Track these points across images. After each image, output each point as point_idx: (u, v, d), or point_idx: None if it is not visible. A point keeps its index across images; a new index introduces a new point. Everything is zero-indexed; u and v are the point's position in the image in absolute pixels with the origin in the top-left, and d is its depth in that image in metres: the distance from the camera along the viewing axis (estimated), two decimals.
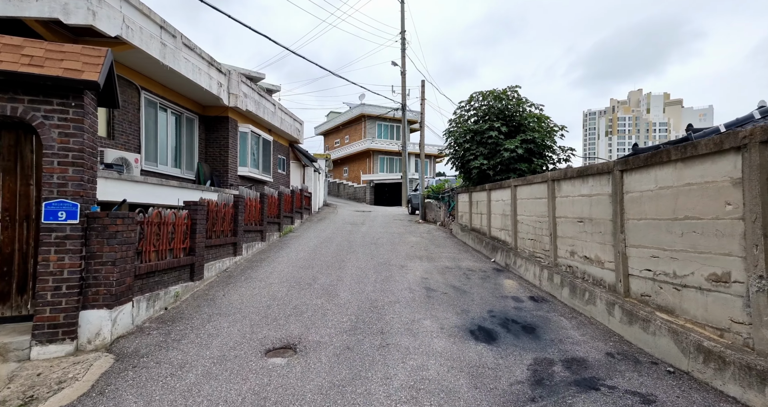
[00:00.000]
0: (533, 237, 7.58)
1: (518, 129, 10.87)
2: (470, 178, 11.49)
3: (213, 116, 12.88)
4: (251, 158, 14.30)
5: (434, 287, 7.00)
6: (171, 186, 9.33)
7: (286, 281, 7.12)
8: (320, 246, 11.04)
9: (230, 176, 13.08)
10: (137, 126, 9.77)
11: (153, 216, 5.02)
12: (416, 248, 11.14)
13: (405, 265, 8.85)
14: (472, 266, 8.78)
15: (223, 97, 12.00)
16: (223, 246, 7.74)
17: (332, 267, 8.41)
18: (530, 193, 7.71)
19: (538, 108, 10.84)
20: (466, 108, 11.60)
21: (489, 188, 10.24)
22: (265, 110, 14.71)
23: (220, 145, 13.01)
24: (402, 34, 27.04)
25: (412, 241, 12.41)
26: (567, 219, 6.25)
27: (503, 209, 9.27)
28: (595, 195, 5.52)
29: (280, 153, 17.59)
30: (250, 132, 14.00)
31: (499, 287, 6.95)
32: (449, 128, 11.91)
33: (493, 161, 10.50)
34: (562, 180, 6.43)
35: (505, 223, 9.14)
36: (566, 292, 5.88)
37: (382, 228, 15.47)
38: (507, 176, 10.41)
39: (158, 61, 9.00)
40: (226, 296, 6.07)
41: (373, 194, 34.88)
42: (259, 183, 15.00)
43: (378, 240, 12.38)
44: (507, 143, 10.12)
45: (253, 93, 13.82)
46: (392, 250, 10.70)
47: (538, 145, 10.35)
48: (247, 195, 9.29)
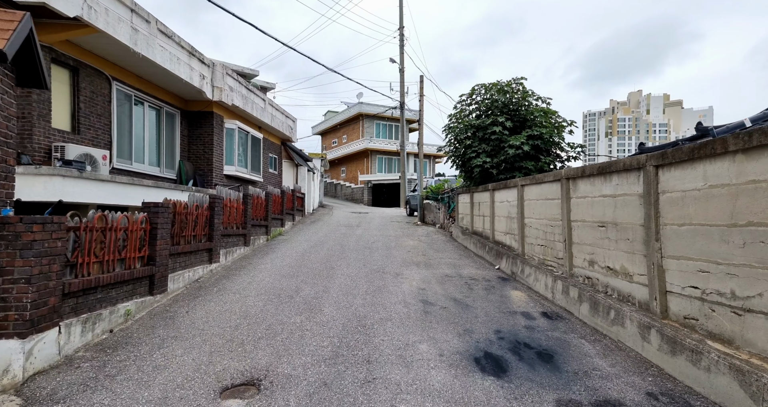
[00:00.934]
0: (543, 243, 6.75)
1: (524, 124, 10.05)
2: (472, 177, 10.66)
3: (196, 111, 12.05)
4: (239, 157, 13.46)
5: (432, 299, 6.16)
6: (144, 186, 8.49)
7: (264, 293, 6.28)
8: (310, 251, 10.20)
9: (215, 175, 12.25)
10: (108, 120, 8.93)
11: (95, 220, 4.18)
12: (413, 253, 10.31)
13: (400, 273, 8.01)
14: (475, 274, 7.94)
15: (206, 90, 11.16)
16: (196, 253, 6.90)
17: (319, 276, 7.58)
18: (540, 193, 6.88)
19: (545, 101, 10.03)
20: (467, 102, 10.79)
21: (492, 188, 9.41)
22: (253, 105, 13.88)
23: (204, 142, 12.17)
24: (400, 31, 26.27)
25: (409, 245, 11.57)
26: (585, 223, 5.42)
27: (508, 211, 8.44)
28: (621, 196, 4.69)
29: (271, 152, 16.76)
30: (237, 129, 13.17)
31: (506, 301, 6.11)
32: (449, 124, 11.09)
33: (497, 159, 9.68)
34: (579, 179, 5.60)
35: (511, 226, 8.31)
36: (585, 308, 5.05)
37: (378, 231, 14.64)
38: (512, 175, 9.59)
39: (129, 48, 8.17)
40: (190, 314, 5.23)
41: (370, 195, 34.06)
42: (247, 183, 14.16)
43: (373, 244, 11.54)
44: (512, 140, 9.30)
45: (240, 87, 12.99)
46: (387, 255, 9.87)
47: (546, 141, 9.53)
48: (227, 196, 8.45)
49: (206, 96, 11.27)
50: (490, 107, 10.22)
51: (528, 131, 9.48)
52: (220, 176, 12.57)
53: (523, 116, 9.97)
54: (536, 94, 10.00)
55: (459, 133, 10.53)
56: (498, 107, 10.08)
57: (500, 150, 9.75)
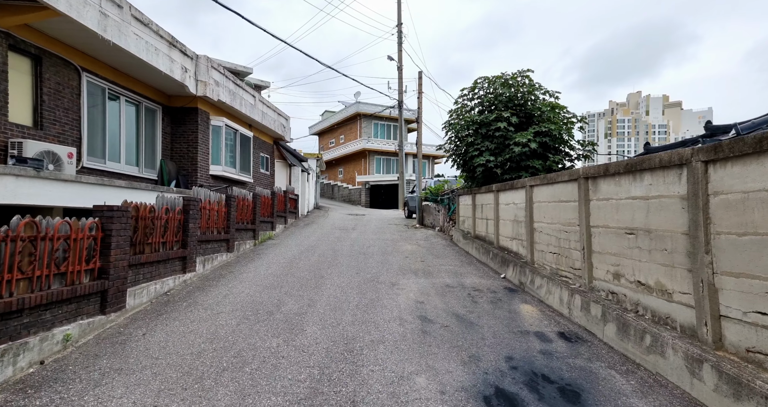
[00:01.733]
0: (557, 251, 6.00)
1: (530, 120, 9.32)
2: (474, 177, 9.92)
3: (180, 107, 11.29)
4: (226, 156, 12.70)
5: (432, 316, 5.41)
6: (116, 187, 7.73)
7: (240, 309, 5.51)
8: (299, 257, 9.44)
9: (200, 175, 11.48)
10: (77, 114, 8.17)
11: (20, 228, 3.42)
12: (411, 259, 9.55)
13: (397, 282, 7.26)
14: (479, 284, 7.19)
15: (189, 84, 10.41)
16: (165, 263, 6.13)
17: (306, 286, 6.81)
18: (552, 195, 6.14)
19: (553, 96, 9.29)
20: (468, 96, 10.05)
21: (497, 189, 8.66)
22: (242, 101, 13.13)
23: (188, 140, 11.41)
24: (398, 27, 25.57)
25: (407, 250, 10.82)
26: (608, 230, 4.67)
27: (515, 214, 7.70)
28: (656, 198, 3.95)
29: (262, 151, 16.01)
30: (225, 126, 12.41)
31: (516, 317, 5.35)
32: (449, 120, 10.35)
33: (501, 158, 8.93)
34: (601, 178, 4.86)
35: (518, 231, 7.56)
36: (611, 330, 4.30)
37: (375, 234, 13.88)
38: (517, 175, 8.85)
39: (97, 35, 7.42)
40: (147, 336, 4.46)
41: (368, 197, 33.30)
42: (236, 184, 13.40)
43: (368, 249, 10.79)
44: (518, 137, 8.56)
45: (228, 82, 12.24)
46: (383, 262, 9.11)
47: (554, 138, 8.79)
48: (205, 197, 7.69)
49: (189, 91, 10.51)
50: (494, 101, 9.48)
51: (535, 128, 8.74)
52: (206, 177, 11.81)
53: (530, 111, 9.23)
54: (543, 88, 9.27)
55: (460, 130, 9.79)
56: (502, 102, 9.34)
57: (505, 148, 9.01)
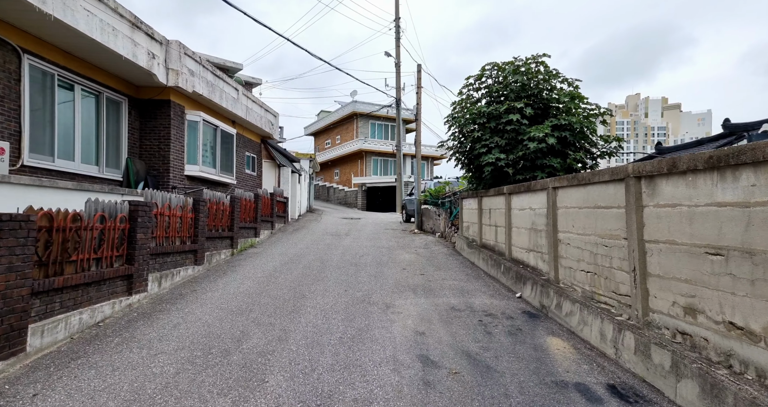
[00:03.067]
0: (591, 269, 4.78)
1: (546, 112, 8.12)
2: (481, 178, 8.70)
3: (149, 100, 10.06)
4: (204, 155, 11.46)
5: (436, 355, 4.18)
6: (60, 188, 6.48)
7: (189, 347, 4.27)
8: (280, 270, 8.20)
9: (173, 176, 10.24)
10: (15, 104, 6.93)
11: None
12: (410, 271, 8.33)
13: (392, 303, 6.03)
14: (491, 306, 5.96)
15: (158, 72, 9.18)
16: (99, 284, 4.88)
17: (282, 310, 5.58)
18: (585, 199, 4.92)
19: (572, 84, 8.09)
20: (474, 86, 8.84)
21: (509, 191, 7.45)
22: (223, 95, 11.90)
23: (160, 136, 10.18)
24: (396, 22, 24.46)
25: (404, 260, 9.59)
26: (676, 247, 3.46)
27: (533, 221, 6.48)
28: (763, 205, 2.74)
29: (248, 150, 14.78)
30: (202, 121, 11.18)
31: (545, 358, 4.13)
32: (452, 113, 9.14)
33: (513, 155, 7.73)
34: (662, 177, 3.65)
35: (537, 241, 6.34)
36: (690, 390, 3.07)
37: (369, 241, 12.66)
38: (532, 175, 7.64)
39: (34, 7, 6.19)
40: (37, 402, 3.21)
41: (365, 199, 32.07)
42: (216, 186, 12.16)
43: (361, 259, 9.56)
44: (533, 131, 7.36)
45: (205, 72, 11.01)
46: (377, 275, 7.88)
47: (575, 133, 7.60)
48: (163, 202, 6.45)
49: (158, 80, 9.28)
50: (504, 91, 8.28)
51: (552, 121, 7.54)
52: (180, 177, 10.57)
53: (546, 101, 8.04)
54: (561, 75, 8.07)
55: (465, 124, 8.58)
56: (514, 91, 8.14)
57: (517, 144, 7.81)
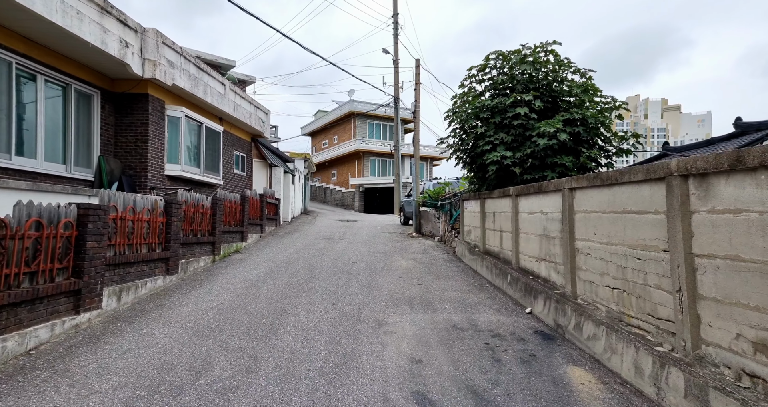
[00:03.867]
0: (619, 285, 4.03)
1: (556, 105, 7.39)
2: (484, 178, 7.96)
3: (125, 93, 9.31)
4: (187, 153, 10.70)
5: (435, 393, 3.42)
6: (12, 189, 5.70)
7: (133, 382, 3.50)
8: (264, 279, 7.44)
9: (151, 176, 9.48)
10: None
11: None
12: (406, 280, 7.57)
13: (385, 320, 5.28)
14: (498, 323, 5.21)
15: (132, 63, 8.43)
16: (33, 303, 4.09)
17: (257, 330, 4.82)
18: (611, 202, 4.18)
19: (585, 75, 7.35)
20: (477, 77, 8.09)
21: (516, 193, 6.71)
22: (208, 89, 11.15)
23: (137, 133, 9.42)
24: (394, 17, 23.77)
25: (401, 267, 8.84)
26: (742, 264, 2.72)
27: (544, 226, 5.73)
28: None
29: (237, 149, 14.02)
30: (184, 117, 10.42)
31: (569, 398, 3.37)
32: (453, 108, 8.39)
33: (521, 153, 6.99)
34: (719, 175, 2.90)
35: (549, 250, 5.59)
36: None
37: (364, 245, 11.91)
38: (541, 174, 6.90)
39: None
40: None
41: (362, 200, 31.31)
42: (201, 186, 11.40)
43: (353, 266, 8.80)
44: (543, 126, 6.62)
45: (187, 64, 10.26)
46: (370, 285, 7.12)
47: (590, 128, 6.86)
48: (125, 204, 5.68)
49: (133, 71, 8.53)
50: (510, 82, 7.55)
51: (564, 115, 6.80)
52: (160, 177, 9.81)
53: (556, 94, 7.30)
54: (573, 65, 7.33)
55: (467, 118, 7.83)
56: (521, 83, 7.40)
57: (525, 141, 7.07)
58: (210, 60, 21.04)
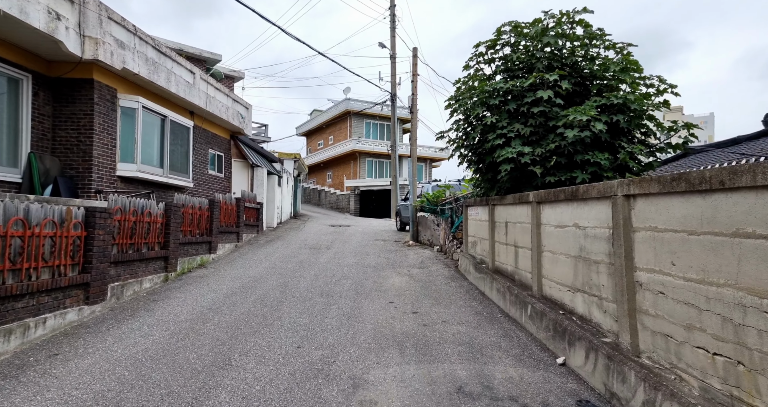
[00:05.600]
0: (729, 352, 2.53)
1: (585, 89, 5.92)
2: (495, 180, 6.47)
3: (65, 79, 7.82)
4: (146, 151, 9.20)
5: None
6: None
7: None
8: (219, 306, 5.94)
9: (98, 176, 7.99)
10: None
11: None
12: (398, 306, 6.06)
13: (363, 378, 3.78)
14: (520, 382, 3.70)
15: (67, 40, 6.95)
16: None
17: (174, 402, 3.31)
18: (706, 218, 2.68)
19: (621, 50, 5.84)
20: (486, 57, 6.60)
21: (538, 199, 5.21)
22: (172, 77, 9.66)
23: (79, 126, 7.93)
24: (392, 10, 22.34)
25: (393, 286, 7.33)
26: None
27: (581, 245, 4.23)
28: None
29: (213, 147, 12.52)
30: (142, 109, 8.92)
31: None
32: (455, 95, 6.89)
33: (542, 149, 5.50)
34: None
35: (590, 278, 4.09)
36: None
37: (354, 257, 10.41)
38: (569, 175, 5.41)
39: None
40: None
41: (357, 203, 29.81)
42: (165, 189, 9.90)
43: (336, 285, 7.30)
44: (572, 114, 5.12)
45: (144, 46, 8.77)
46: (352, 315, 5.61)
47: (632, 117, 5.37)
48: (9, 216, 4.15)
49: (68, 50, 7.05)
50: (530, 60, 6.06)
51: (598, 100, 5.32)
52: (110, 179, 8.31)
53: (586, 74, 5.82)
54: (608, 38, 5.83)
55: (473, 107, 6.33)
56: (542, 60, 5.92)
57: (548, 133, 5.59)
58: (194, 53, 19.60)
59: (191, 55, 19.26)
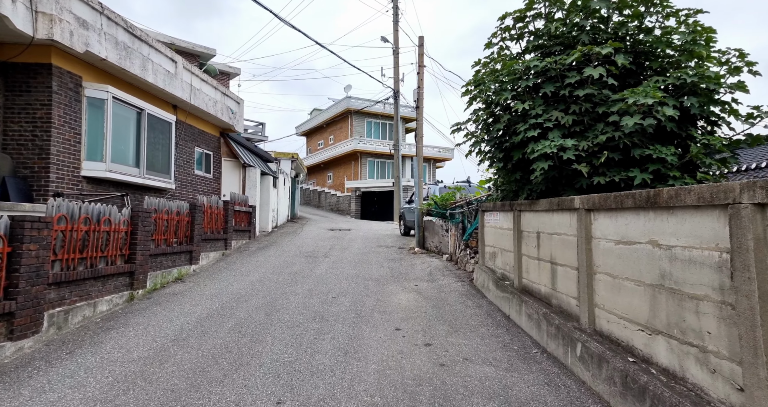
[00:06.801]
0: None
1: (640, 68, 4.77)
2: (525, 181, 5.33)
3: (20, 65, 6.73)
4: (118, 147, 8.09)
5: None
6: None
7: None
8: (187, 337, 4.80)
9: (57, 177, 6.89)
10: None
11: None
12: (407, 335, 4.91)
13: None
14: None
15: (13, 15, 5.85)
16: None
17: None
18: None
19: (685, 17, 4.68)
20: (513, 32, 5.46)
21: (588, 206, 4.06)
22: (149, 65, 8.56)
23: (35, 118, 6.83)
24: (394, 2, 21.28)
25: (400, 306, 6.19)
26: None
27: (662, 270, 3.08)
28: None
29: (199, 145, 11.41)
30: (112, 99, 7.81)
31: None
32: (475, 79, 5.73)
33: (588, 142, 4.36)
34: None
35: (682, 318, 2.94)
36: None
37: (354, 267, 9.28)
38: (623, 175, 4.27)
39: None
40: None
41: (358, 205, 28.68)
42: (142, 191, 8.79)
43: (332, 305, 6.16)
44: (630, 96, 3.98)
45: (113, 28, 7.67)
46: (350, 349, 4.46)
47: (708, 99, 4.21)
48: None
49: (15, 27, 5.95)
50: (569, 33, 4.92)
51: (661, 79, 4.18)
52: (73, 179, 7.21)
53: (644, 47, 4.68)
54: (671, 3, 4.67)
55: (498, 92, 5.19)
56: (586, 32, 4.77)
57: (596, 122, 4.45)
58: (185, 47, 18.54)
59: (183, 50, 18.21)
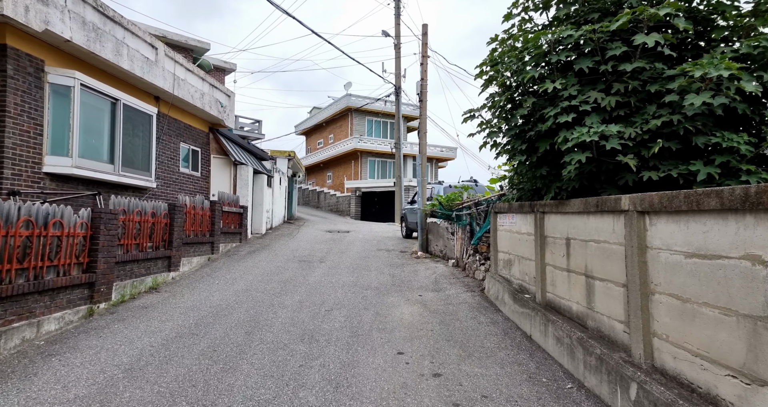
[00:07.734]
0: None
1: (700, 37, 3.92)
2: (554, 176, 4.47)
3: None
4: (88, 141, 7.26)
5: None
6: None
7: None
8: (150, 360, 3.94)
9: (12, 173, 6.06)
10: None
11: None
12: (412, 362, 4.04)
13: None
14: None
15: None
16: None
17: None
18: None
19: None
20: (537, 1, 4.60)
21: (643, 207, 3.20)
22: (124, 50, 7.72)
23: None
24: None
25: (402, 323, 5.32)
26: None
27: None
28: None
29: (185, 140, 10.57)
30: (80, 87, 6.98)
31: None
32: (492, 57, 4.87)
33: (635, 129, 3.50)
34: None
35: None
36: None
37: (352, 273, 8.43)
38: (683, 169, 3.41)
39: None
40: None
41: (358, 206, 27.83)
42: (118, 189, 7.95)
43: (325, 321, 5.30)
44: (694, 69, 3.12)
45: (80, 6, 6.83)
46: (342, 379, 3.58)
47: None
48: None
49: None
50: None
51: (729, 50, 3.33)
52: (33, 176, 6.38)
53: (712, 10, 3.82)
54: None
55: (521, 70, 4.35)
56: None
57: (647, 104, 3.60)
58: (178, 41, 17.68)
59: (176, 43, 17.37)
